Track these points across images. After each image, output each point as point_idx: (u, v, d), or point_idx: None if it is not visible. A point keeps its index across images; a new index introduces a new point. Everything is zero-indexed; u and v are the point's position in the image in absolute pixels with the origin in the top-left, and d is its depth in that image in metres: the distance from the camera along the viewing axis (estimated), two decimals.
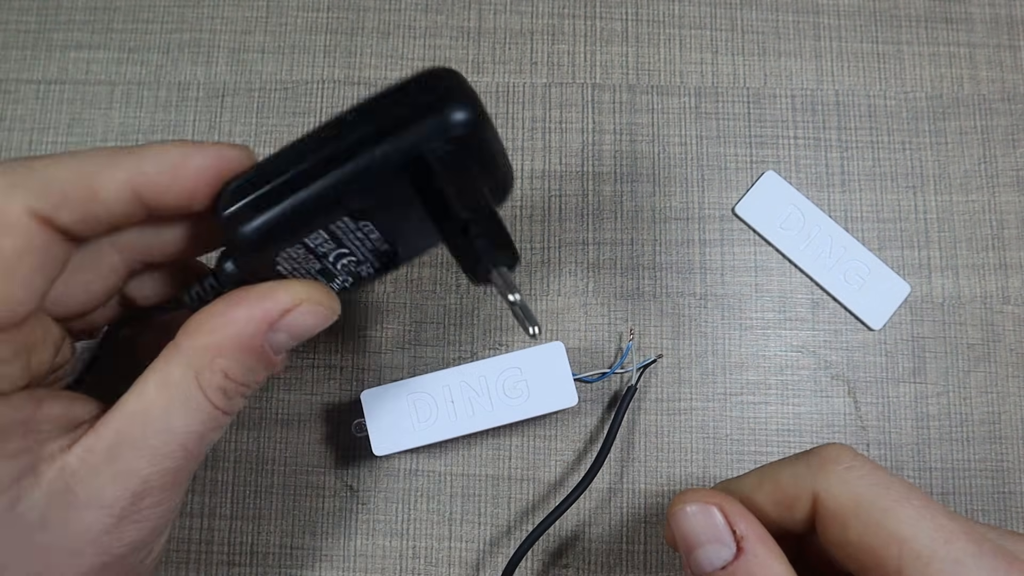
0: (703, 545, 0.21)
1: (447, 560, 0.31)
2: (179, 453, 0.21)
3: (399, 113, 0.21)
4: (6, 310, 0.20)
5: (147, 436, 0.21)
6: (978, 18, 0.35)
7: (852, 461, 0.20)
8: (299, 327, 0.22)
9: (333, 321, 0.23)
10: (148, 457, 0.21)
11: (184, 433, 0.21)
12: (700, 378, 0.32)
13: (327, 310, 0.22)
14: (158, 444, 0.21)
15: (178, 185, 0.21)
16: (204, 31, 0.35)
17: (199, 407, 0.21)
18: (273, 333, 0.22)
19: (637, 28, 0.35)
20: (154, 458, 0.21)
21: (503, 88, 0.35)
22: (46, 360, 0.22)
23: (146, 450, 0.21)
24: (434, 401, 0.29)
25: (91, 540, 0.20)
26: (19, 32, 0.36)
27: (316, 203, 0.21)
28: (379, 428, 0.29)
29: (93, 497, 0.20)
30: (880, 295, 0.33)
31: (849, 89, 0.35)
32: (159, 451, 0.21)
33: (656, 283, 0.33)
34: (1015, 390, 0.32)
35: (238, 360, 0.21)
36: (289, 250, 0.22)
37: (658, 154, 0.34)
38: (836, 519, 0.20)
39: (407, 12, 0.36)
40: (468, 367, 0.29)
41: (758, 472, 0.22)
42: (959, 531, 0.19)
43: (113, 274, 0.24)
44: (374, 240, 0.23)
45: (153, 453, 0.21)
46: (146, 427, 0.21)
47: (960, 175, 0.34)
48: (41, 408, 0.21)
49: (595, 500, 0.31)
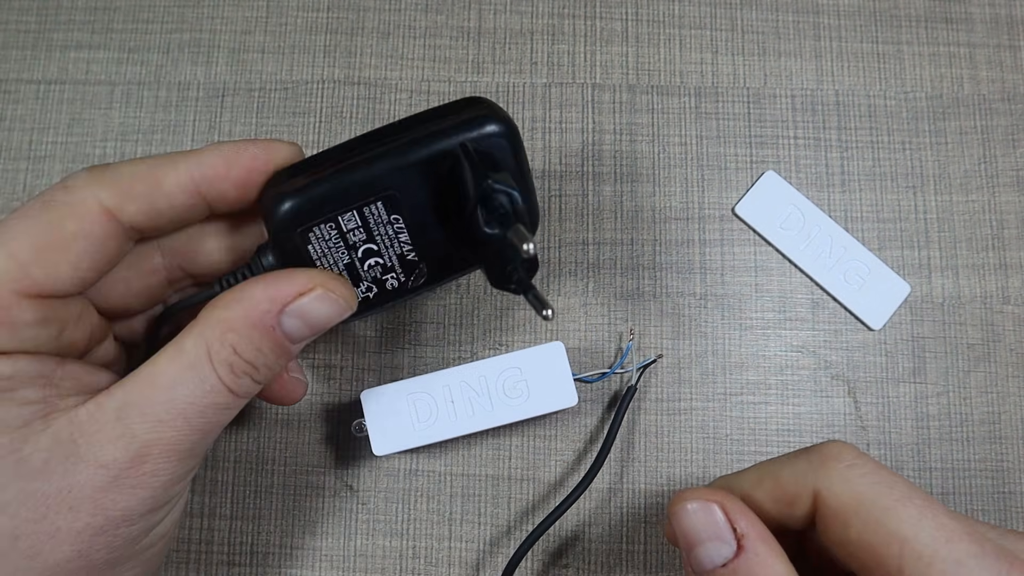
0: (704, 543, 0.21)
1: (447, 560, 0.31)
2: (180, 423, 0.21)
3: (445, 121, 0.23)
4: (47, 280, 0.21)
5: (152, 402, 0.21)
6: (978, 18, 0.35)
7: (854, 459, 0.20)
8: (312, 313, 0.22)
9: (347, 315, 0.23)
10: (150, 423, 0.21)
11: (186, 403, 0.21)
12: (700, 378, 0.32)
13: (342, 300, 0.23)
14: (160, 411, 0.21)
15: (233, 174, 0.23)
16: (204, 31, 0.35)
17: (204, 378, 0.21)
18: (286, 316, 0.22)
19: (637, 28, 0.35)
20: (155, 425, 0.21)
21: (503, 88, 0.35)
22: (79, 340, 0.23)
23: (149, 415, 0.21)
24: (434, 401, 0.29)
25: (87, 496, 0.21)
26: (19, 32, 0.36)
27: (354, 175, 0.23)
28: (379, 428, 0.29)
29: (94, 453, 0.21)
30: (880, 295, 0.33)
31: (849, 89, 0.35)
32: (160, 418, 0.21)
33: (656, 283, 0.33)
34: (1015, 390, 0.32)
35: (248, 337, 0.22)
36: (322, 228, 0.23)
37: (658, 154, 0.34)
38: (837, 517, 0.20)
39: (407, 12, 0.36)
40: (468, 367, 0.29)
41: (758, 468, 0.22)
42: (961, 531, 0.19)
43: (154, 276, 0.26)
44: (403, 243, 0.24)
45: (155, 419, 0.21)
46: (153, 393, 0.21)
47: (960, 175, 0.34)
48: (63, 367, 0.22)
49: (595, 500, 0.31)
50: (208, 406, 0.22)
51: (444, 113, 0.24)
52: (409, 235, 0.24)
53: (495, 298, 0.33)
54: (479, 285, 0.33)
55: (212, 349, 0.22)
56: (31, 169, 0.34)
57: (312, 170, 0.23)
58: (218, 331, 0.22)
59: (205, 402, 0.22)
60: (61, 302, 0.22)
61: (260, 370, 0.22)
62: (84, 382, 0.22)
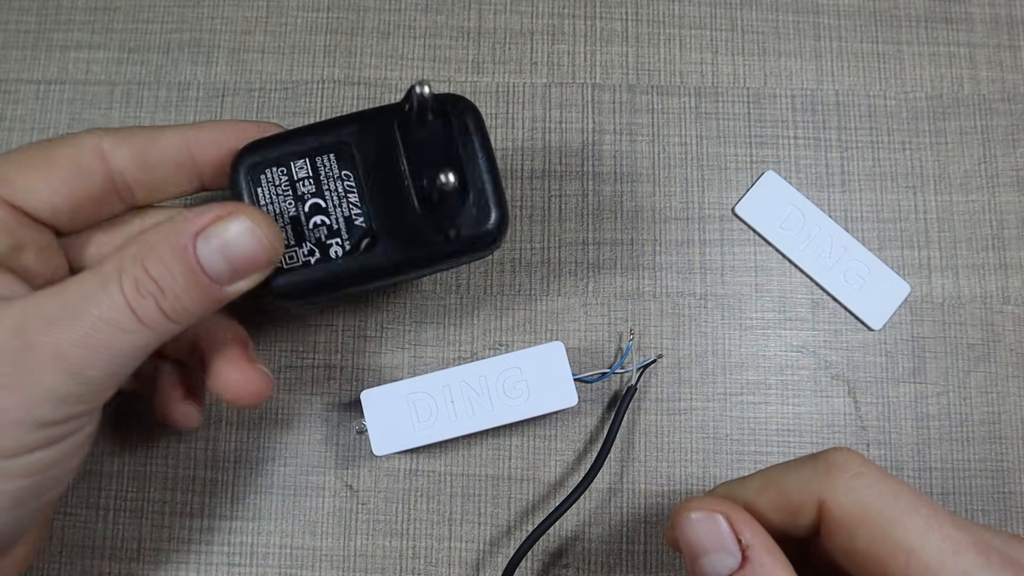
0: (708, 553, 0.20)
1: (447, 560, 0.31)
2: (74, 335, 0.20)
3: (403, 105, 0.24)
4: (22, 192, 0.23)
5: (53, 306, 0.21)
6: (978, 18, 0.35)
7: (860, 468, 0.20)
8: (230, 243, 0.21)
9: (270, 260, 0.22)
10: (43, 324, 0.20)
11: (87, 314, 0.20)
12: (700, 378, 0.32)
13: (264, 238, 0.22)
14: (58, 315, 0.21)
15: (227, 142, 0.25)
16: (204, 31, 0.35)
17: (109, 294, 0.21)
18: (202, 240, 0.21)
19: (637, 28, 0.35)
20: (47, 326, 0.20)
21: (503, 88, 0.35)
22: (36, 270, 0.24)
23: (47, 318, 0.21)
24: (434, 401, 0.29)
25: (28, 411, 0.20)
26: (19, 32, 0.36)
27: (312, 129, 0.25)
28: (379, 428, 0.29)
29: (49, 352, 0.20)
30: (880, 295, 0.33)
31: (849, 89, 0.35)
32: (56, 322, 0.20)
33: (656, 283, 0.33)
34: (1015, 390, 0.32)
35: (160, 256, 0.21)
36: (274, 171, 0.24)
37: (658, 154, 0.34)
38: (843, 527, 0.20)
39: (407, 12, 0.36)
40: (468, 367, 0.29)
41: (762, 476, 0.22)
42: (967, 542, 0.19)
43: None
44: (351, 203, 0.24)
45: (48, 321, 0.20)
46: (58, 299, 0.21)
47: (960, 175, 0.34)
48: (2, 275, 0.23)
49: (595, 500, 0.31)
50: (107, 323, 0.20)
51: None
52: (359, 196, 0.24)
53: (495, 298, 0.33)
54: (479, 285, 0.33)
55: (124, 265, 0.21)
56: None
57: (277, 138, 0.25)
58: (135, 248, 0.21)
59: (105, 317, 0.20)
60: (29, 222, 0.23)
61: (167, 296, 0.21)
62: (14, 290, 0.23)
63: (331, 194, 0.24)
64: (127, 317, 0.21)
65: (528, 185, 0.34)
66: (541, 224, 0.34)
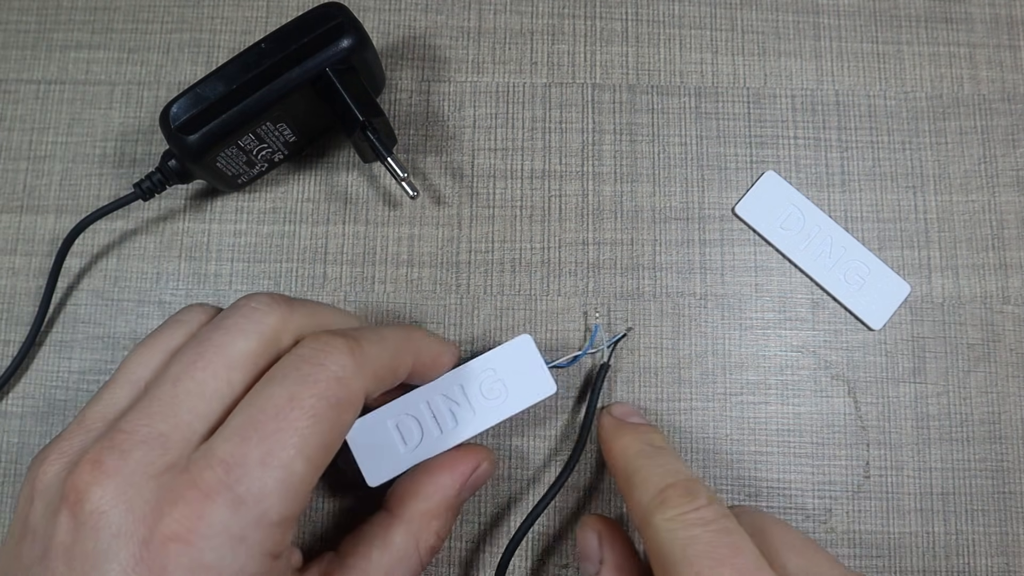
0: (583, 559, 0.27)
1: (447, 560, 0.31)
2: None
3: (303, 42, 0.29)
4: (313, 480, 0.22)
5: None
6: (978, 18, 0.35)
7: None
8: (479, 482, 0.28)
9: None
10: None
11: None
12: (700, 378, 0.32)
13: (493, 467, 0.29)
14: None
15: (435, 372, 0.28)
16: (204, 31, 0.35)
17: (411, 567, 0.26)
18: (467, 492, 0.28)
19: (637, 28, 0.35)
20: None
21: (503, 88, 0.35)
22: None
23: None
24: (416, 421, 0.28)
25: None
26: (19, 32, 0.36)
27: (248, 116, 0.29)
28: (368, 460, 0.28)
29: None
30: (880, 295, 0.33)
31: (849, 89, 0.35)
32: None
33: (656, 283, 0.33)
34: (1015, 390, 0.32)
35: (446, 519, 0.27)
36: (227, 150, 0.30)
37: (658, 154, 0.34)
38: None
39: (407, 12, 0.36)
40: (443, 379, 0.28)
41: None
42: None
43: None
44: (287, 135, 0.31)
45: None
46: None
47: (960, 175, 0.34)
48: None
49: (595, 500, 0.31)
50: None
51: (303, 31, 0.29)
52: (292, 130, 0.31)
53: (495, 298, 0.33)
54: (479, 285, 0.33)
55: (420, 539, 0.26)
56: (31, 169, 0.34)
57: (207, 102, 0.29)
58: (424, 523, 0.26)
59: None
60: None
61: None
62: None
63: (272, 138, 0.31)
64: (420, 569, 0.26)
65: (528, 185, 0.34)
66: (541, 224, 0.34)
